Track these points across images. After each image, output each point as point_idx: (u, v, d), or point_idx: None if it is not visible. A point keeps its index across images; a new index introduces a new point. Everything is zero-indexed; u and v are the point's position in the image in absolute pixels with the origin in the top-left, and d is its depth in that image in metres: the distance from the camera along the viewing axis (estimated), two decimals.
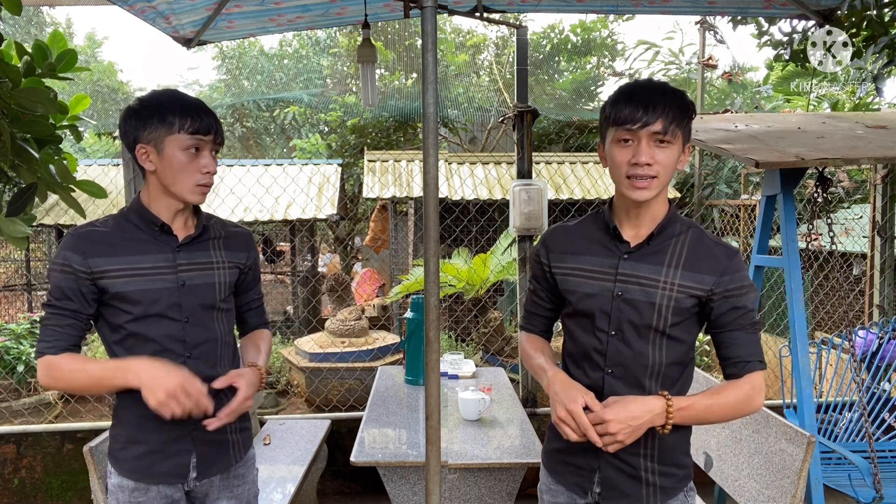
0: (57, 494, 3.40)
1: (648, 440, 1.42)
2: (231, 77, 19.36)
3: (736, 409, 1.40)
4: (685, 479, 1.49)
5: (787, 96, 9.38)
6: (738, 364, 1.40)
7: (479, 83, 14.99)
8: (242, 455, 1.67)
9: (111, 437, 1.58)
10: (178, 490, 1.56)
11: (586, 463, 1.47)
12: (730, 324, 1.39)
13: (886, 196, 4.26)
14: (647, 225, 1.42)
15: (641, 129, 1.31)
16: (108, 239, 1.51)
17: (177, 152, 1.47)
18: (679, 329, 1.40)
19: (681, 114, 1.32)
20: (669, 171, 1.35)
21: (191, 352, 1.54)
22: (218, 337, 1.59)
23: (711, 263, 1.39)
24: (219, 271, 1.59)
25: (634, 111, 1.31)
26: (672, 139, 1.32)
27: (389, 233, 8.70)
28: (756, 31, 3.93)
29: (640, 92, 1.33)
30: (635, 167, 1.33)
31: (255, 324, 1.78)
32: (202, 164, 1.49)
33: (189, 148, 1.47)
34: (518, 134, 3.37)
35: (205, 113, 1.49)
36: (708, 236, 1.44)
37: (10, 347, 5.36)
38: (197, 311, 1.54)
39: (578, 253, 1.48)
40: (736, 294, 1.38)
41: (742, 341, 1.40)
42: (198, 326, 1.55)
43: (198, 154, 1.49)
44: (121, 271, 1.48)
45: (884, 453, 2.97)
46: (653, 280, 1.39)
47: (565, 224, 1.56)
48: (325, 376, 5.47)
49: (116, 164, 7.70)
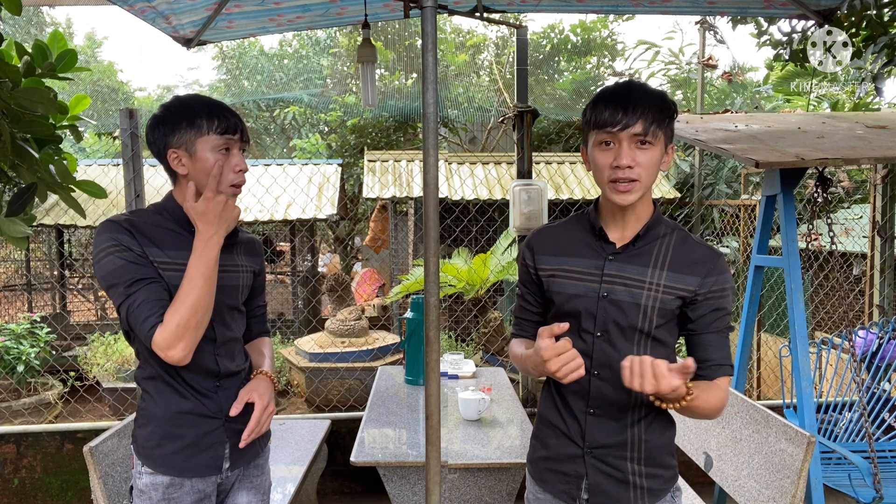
0: (57, 494, 3.40)
1: (635, 443, 1.43)
2: (231, 77, 19.37)
3: (715, 411, 1.40)
4: (672, 480, 1.49)
5: (787, 96, 9.38)
6: (712, 367, 1.41)
7: (479, 83, 14.99)
8: (265, 446, 1.73)
9: (142, 437, 1.55)
10: (210, 484, 1.60)
11: (573, 470, 1.47)
12: (708, 326, 1.40)
13: (886, 196, 4.26)
14: (632, 226, 1.43)
15: (622, 131, 1.31)
16: (150, 231, 1.50)
17: (208, 153, 1.49)
18: (663, 331, 1.41)
19: (661, 114, 1.32)
20: (651, 172, 1.35)
21: (219, 350, 1.59)
22: (237, 336, 1.66)
23: (696, 265, 1.40)
24: (243, 274, 1.65)
25: (614, 113, 1.31)
26: (653, 140, 1.33)
27: (389, 233, 8.70)
28: (756, 31, 3.93)
29: (619, 94, 1.34)
30: (617, 170, 1.33)
31: (257, 331, 1.82)
32: (234, 164, 1.52)
33: (220, 148, 1.50)
34: (518, 134, 3.37)
35: (230, 113, 1.52)
36: (692, 238, 1.45)
37: (10, 347, 5.36)
38: (223, 311, 1.59)
39: (564, 254, 1.48)
40: (718, 296, 1.39)
41: (716, 344, 1.41)
42: (223, 325, 1.60)
43: (228, 154, 1.52)
44: (167, 265, 1.48)
45: (884, 453, 2.98)
46: (638, 281, 1.39)
47: (549, 225, 1.56)
48: (325, 376, 5.48)
49: (116, 164, 7.70)
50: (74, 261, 9.54)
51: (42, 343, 5.59)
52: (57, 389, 5.79)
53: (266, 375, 1.68)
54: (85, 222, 6.90)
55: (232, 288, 1.61)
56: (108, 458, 1.99)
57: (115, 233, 1.44)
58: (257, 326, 1.82)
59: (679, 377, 1.22)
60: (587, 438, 1.44)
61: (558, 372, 1.28)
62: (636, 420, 1.42)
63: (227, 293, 1.59)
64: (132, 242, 1.44)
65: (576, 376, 1.29)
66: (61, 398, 5.76)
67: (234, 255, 1.64)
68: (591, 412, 1.44)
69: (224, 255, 1.59)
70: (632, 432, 1.42)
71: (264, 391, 1.63)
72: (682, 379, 1.23)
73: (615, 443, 1.43)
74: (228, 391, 1.61)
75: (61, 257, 8.42)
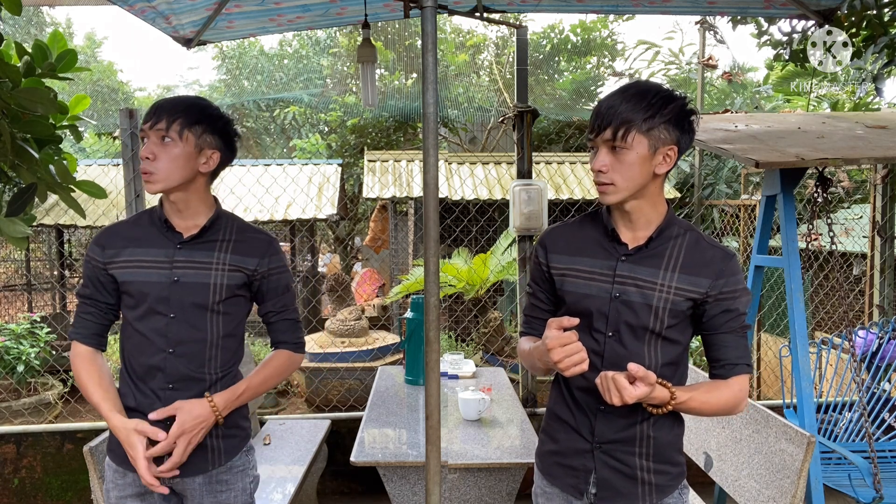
0: (57, 494, 3.40)
1: (643, 439, 1.43)
2: (231, 77, 19.36)
3: (725, 409, 1.41)
4: (679, 477, 1.50)
5: (787, 96, 9.37)
6: (727, 366, 1.42)
7: (479, 83, 14.99)
8: (223, 461, 1.63)
9: None
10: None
11: (581, 464, 1.48)
12: (721, 326, 1.41)
13: (886, 196, 4.25)
14: (643, 228, 1.43)
15: (597, 136, 1.36)
16: (124, 232, 1.62)
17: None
18: (674, 331, 1.42)
19: (639, 116, 1.31)
20: (629, 176, 1.34)
21: (174, 348, 1.56)
22: (207, 338, 1.58)
23: (708, 266, 1.40)
24: (216, 272, 1.58)
25: (594, 120, 1.36)
26: (625, 144, 1.32)
27: (389, 233, 8.70)
28: (756, 31, 3.93)
29: (605, 99, 1.37)
30: (594, 174, 1.39)
31: (274, 340, 1.72)
32: (142, 152, 1.55)
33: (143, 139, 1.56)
34: (518, 134, 3.37)
35: (158, 106, 1.55)
36: (705, 239, 1.44)
37: (10, 347, 5.36)
38: (186, 309, 1.56)
39: (576, 253, 1.48)
40: (729, 297, 1.39)
41: (731, 344, 1.41)
42: (185, 324, 1.56)
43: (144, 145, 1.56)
44: (126, 262, 1.58)
45: (884, 453, 2.97)
46: (650, 282, 1.40)
47: (563, 224, 1.56)
48: (325, 376, 5.47)
49: (116, 164, 7.70)
50: (74, 261, 9.54)
51: (42, 343, 5.59)
52: (57, 389, 5.78)
53: (208, 401, 1.54)
54: (85, 222, 6.89)
55: (199, 285, 1.56)
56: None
57: (95, 244, 1.61)
58: (272, 336, 1.71)
59: (644, 387, 1.25)
60: (596, 433, 1.45)
61: (561, 363, 1.29)
62: (645, 416, 1.43)
63: (192, 290, 1.56)
64: (99, 256, 1.59)
65: (578, 370, 1.29)
66: (61, 398, 5.76)
67: (212, 252, 1.59)
68: (601, 408, 1.44)
69: (193, 251, 1.58)
70: (640, 428, 1.43)
71: (188, 418, 1.51)
72: (646, 387, 1.26)
73: (624, 438, 1.44)
74: (183, 394, 1.55)
75: (61, 257, 8.42)
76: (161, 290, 1.55)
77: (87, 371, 1.58)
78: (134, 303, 1.57)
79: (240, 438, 1.67)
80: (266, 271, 1.64)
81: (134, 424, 1.51)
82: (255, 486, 1.71)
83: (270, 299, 1.68)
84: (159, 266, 1.56)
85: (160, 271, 1.56)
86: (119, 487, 1.61)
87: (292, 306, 1.71)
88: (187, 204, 1.59)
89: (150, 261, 1.57)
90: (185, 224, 1.60)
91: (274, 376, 1.67)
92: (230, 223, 1.66)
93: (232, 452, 1.65)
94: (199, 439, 1.55)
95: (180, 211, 1.60)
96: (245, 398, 1.62)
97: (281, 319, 1.70)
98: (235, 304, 1.63)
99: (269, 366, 1.67)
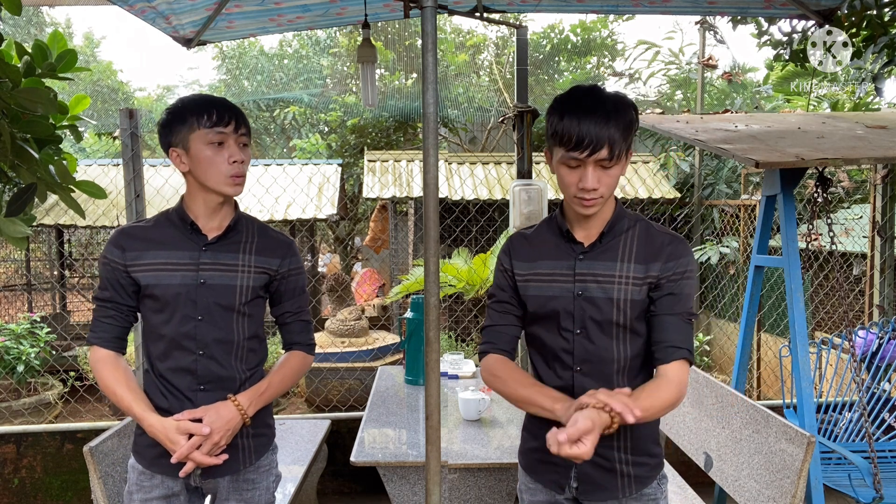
0: (57, 494, 3.40)
1: (621, 433, 1.45)
2: (231, 77, 19.36)
3: (669, 407, 1.40)
4: (657, 468, 1.53)
5: (787, 96, 9.37)
6: (668, 349, 1.41)
7: (479, 83, 14.99)
8: (253, 460, 1.66)
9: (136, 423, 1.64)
10: (178, 483, 1.60)
11: (562, 460, 1.47)
12: (666, 308, 1.42)
13: (886, 196, 4.26)
14: (597, 226, 1.47)
15: (589, 157, 1.34)
16: (145, 234, 1.60)
17: (201, 147, 1.52)
18: (640, 323, 1.45)
19: (625, 133, 1.35)
20: (612, 185, 1.40)
21: (203, 350, 1.57)
22: (234, 339, 1.60)
23: (660, 251, 1.44)
24: (243, 274, 1.60)
25: (581, 139, 1.32)
26: (618, 160, 1.36)
27: (389, 233, 8.70)
28: (756, 31, 3.93)
29: (584, 114, 1.33)
30: (583, 191, 1.37)
31: (288, 341, 1.73)
32: (228, 155, 1.53)
33: (212, 142, 1.52)
34: (518, 134, 3.37)
35: (223, 107, 1.53)
36: (654, 227, 1.49)
37: (10, 347, 5.36)
38: (213, 311, 1.57)
39: (537, 258, 1.52)
40: (674, 279, 1.42)
41: (674, 327, 1.42)
42: (212, 326, 1.57)
43: (222, 147, 1.53)
44: (149, 265, 1.56)
45: (884, 453, 2.97)
46: (609, 276, 1.44)
47: (524, 231, 1.61)
48: (325, 376, 5.47)
49: (116, 164, 7.70)
50: (74, 261, 9.54)
51: (42, 343, 5.59)
52: (57, 389, 5.78)
53: (233, 402, 1.56)
54: (85, 222, 6.89)
55: (225, 287, 1.57)
56: (108, 458, 1.99)
57: (113, 245, 1.58)
58: (287, 336, 1.72)
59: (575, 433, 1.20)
60: None
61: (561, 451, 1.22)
62: None
63: (219, 292, 1.57)
64: (119, 258, 1.57)
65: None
66: (61, 398, 5.76)
67: (237, 254, 1.60)
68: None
69: (218, 253, 1.59)
70: None
71: (216, 418, 1.52)
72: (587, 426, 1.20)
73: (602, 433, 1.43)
74: (213, 395, 1.57)
75: (61, 257, 8.41)
76: (188, 293, 1.55)
77: (114, 376, 1.56)
78: (159, 306, 1.56)
79: (268, 437, 1.70)
80: (286, 272, 1.67)
81: (175, 423, 1.51)
82: (276, 483, 1.74)
83: (288, 300, 1.70)
84: (185, 268, 1.56)
85: (186, 273, 1.56)
86: (145, 490, 1.59)
87: (307, 308, 1.74)
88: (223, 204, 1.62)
89: (175, 263, 1.56)
90: (211, 225, 1.60)
91: (290, 376, 1.70)
92: (250, 224, 1.67)
93: (261, 451, 1.68)
94: (227, 442, 1.56)
95: (215, 212, 1.60)
96: (267, 397, 1.64)
97: (297, 320, 1.72)
98: (257, 305, 1.65)
99: (286, 366, 1.69)
